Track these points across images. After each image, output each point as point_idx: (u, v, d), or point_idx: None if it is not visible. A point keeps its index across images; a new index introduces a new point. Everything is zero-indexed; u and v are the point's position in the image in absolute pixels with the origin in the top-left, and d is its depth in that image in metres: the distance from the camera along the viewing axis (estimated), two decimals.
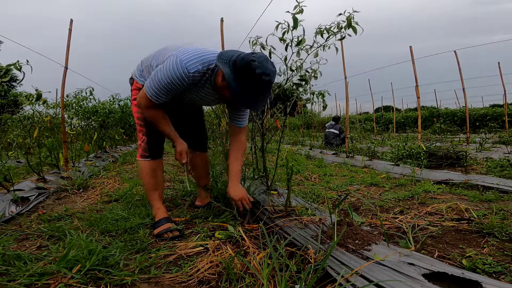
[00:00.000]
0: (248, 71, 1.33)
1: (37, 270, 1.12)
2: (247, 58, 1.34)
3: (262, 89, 1.38)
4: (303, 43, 1.82)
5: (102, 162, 4.60)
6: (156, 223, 1.64)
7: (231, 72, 1.36)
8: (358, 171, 3.46)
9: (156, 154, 1.79)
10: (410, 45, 5.28)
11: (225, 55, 1.42)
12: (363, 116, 17.33)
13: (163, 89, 1.48)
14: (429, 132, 9.27)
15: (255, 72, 1.32)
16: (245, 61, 1.34)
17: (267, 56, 1.40)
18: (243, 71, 1.34)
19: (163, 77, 1.45)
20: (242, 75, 1.35)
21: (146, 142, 1.76)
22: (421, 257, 1.03)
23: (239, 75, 1.35)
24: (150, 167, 1.77)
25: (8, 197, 2.14)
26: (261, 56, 1.36)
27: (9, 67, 2.30)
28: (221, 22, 3.64)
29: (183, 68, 1.43)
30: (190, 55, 1.46)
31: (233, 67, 1.37)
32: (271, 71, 1.36)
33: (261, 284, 1.01)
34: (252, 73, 1.32)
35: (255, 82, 1.34)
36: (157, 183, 1.79)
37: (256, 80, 1.33)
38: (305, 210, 1.65)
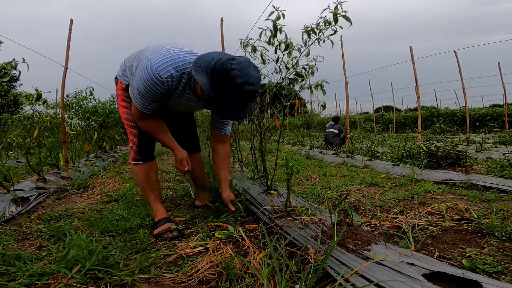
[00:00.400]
0: (228, 81, 1.19)
1: (37, 270, 1.12)
2: (226, 66, 1.20)
3: (245, 99, 1.25)
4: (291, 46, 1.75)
5: (102, 162, 4.60)
6: (156, 224, 1.63)
7: (209, 82, 1.23)
8: (358, 171, 3.46)
9: (148, 156, 1.75)
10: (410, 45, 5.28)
11: (202, 61, 1.28)
12: (363, 116, 17.33)
13: (144, 97, 1.40)
14: (429, 132, 9.28)
15: (236, 82, 1.18)
16: (224, 70, 1.20)
17: (249, 60, 1.26)
18: (222, 80, 1.21)
19: (140, 84, 1.38)
20: (222, 85, 1.22)
21: (138, 144, 1.71)
22: (421, 257, 1.03)
23: (218, 85, 1.22)
24: (144, 170, 1.74)
25: (8, 197, 2.14)
26: (242, 62, 1.22)
27: (5, 65, 2.29)
28: (221, 22, 3.64)
29: (154, 73, 1.32)
30: (163, 58, 1.35)
31: (211, 76, 1.23)
32: (254, 78, 1.22)
33: (261, 284, 1.01)
34: (232, 83, 1.19)
35: (236, 92, 1.21)
36: (152, 184, 1.77)
37: (238, 90, 1.20)
38: (305, 210, 1.65)
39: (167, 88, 1.38)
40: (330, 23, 1.63)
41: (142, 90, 1.38)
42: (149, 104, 1.45)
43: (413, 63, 4.64)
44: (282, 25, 1.71)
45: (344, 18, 1.59)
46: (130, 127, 1.72)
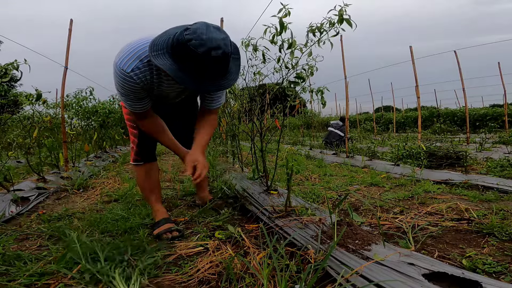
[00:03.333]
0: (190, 54, 1.04)
1: (37, 270, 1.12)
2: (182, 39, 1.05)
3: (221, 64, 1.10)
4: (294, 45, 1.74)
5: (102, 162, 4.60)
6: (156, 224, 1.63)
7: (173, 62, 1.09)
8: (358, 171, 3.46)
9: (149, 157, 1.75)
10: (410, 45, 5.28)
11: (158, 43, 1.13)
12: (363, 116, 17.32)
13: (128, 96, 1.36)
14: (429, 132, 9.27)
15: (199, 52, 1.03)
16: (181, 44, 1.05)
17: (205, 23, 1.09)
18: (184, 56, 1.06)
19: (117, 87, 1.35)
20: (187, 61, 1.07)
21: (138, 145, 1.71)
22: (421, 257, 1.03)
23: (183, 62, 1.08)
24: (144, 171, 1.74)
25: (8, 197, 2.14)
26: (198, 28, 1.05)
27: (7, 66, 2.30)
28: (221, 22, 3.64)
29: (120, 71, 1.27)
30: (124, 54, 1.28)
31: (172, 56, 1.09)
32: (219, 40, 1.06)
33: (261, 284, 1.01)
34: (196, 54, 1.04)
35: (205, 62, 1.06)
36: (153, 185, 1.76)
37: (206, 60, 1.05)
38: (305, 210, 1.65)
39: (140, 80, 1.30)
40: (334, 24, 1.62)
41: (122, 91, 1.34)
42: (136, 102, 1.38)
43: (413, 63, 4.64)
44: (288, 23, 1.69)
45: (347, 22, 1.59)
46: (131, 127, 1.72)
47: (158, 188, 1.80)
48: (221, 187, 2.25)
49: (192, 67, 1.08)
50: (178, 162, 4.93)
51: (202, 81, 1.12)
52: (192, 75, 1.10)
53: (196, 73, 1.09)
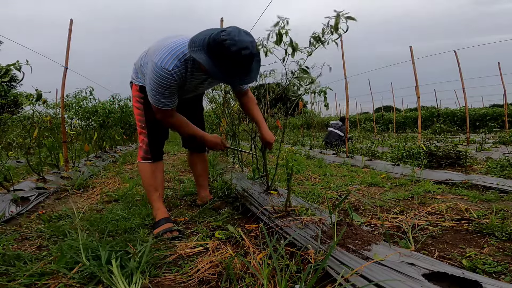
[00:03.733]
0: (224, 51, 1.25)
1: (37, 270, 1.12)
2: (218, 38, 1.26)
3: (247, 62, 1.31)
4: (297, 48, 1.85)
5: (102, 162, 4.60)
6: (156, 223, 1.64)
7: (208, 58, 1.30)
8: (358, 171, 3.46)
9: (158, 156, 1.81)
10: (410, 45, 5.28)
11: (196, 41, 1.34)
12: (363, 116, 17.31)
13: (164, 95, 1.49)
14: (429, 132, 9.27)
15: (232, 50, 1.24)
16: (217, 42, 1.26)
17: (237, 28, 1.31)
18: (219, 53, 1.27)
19: (154, 86, 1.46)
20: (220, 57, 1.28)
21: (148, 144, 1.77)
22: (421, 257, 1.03)
23: (217, 58, 1.28)
24: (151, 169, 1.78)
25: (8, 197, 2.14)
26: (232, 31, 1.26)
27: (9, 67, 2.30)
28: (221, 22, 3.65)
29: (162, 70, 1.42)
30: (163, 54, 1.43)
31: (208, 52, 1.29)
32: (248, 42, 1.27)
33: (261, 284, 1.01)
34: (228, 52, 1.25)
35: (235, 59, 1.27)
36: (157, 183, 1.80)
37: (236, 57, 1.26)
38: (305, 210, 1.65)
39: (178, 78, 1.46)
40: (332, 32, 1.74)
41: (160, 90, 1.46)
42: (170, 99, 1.52)
43: (413, 63, 4.64)
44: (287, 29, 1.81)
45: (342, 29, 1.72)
46: (141, 127, 1.79)
47: (162, 188, 1.84)
48: (221, 187, 2.25)
49: (223, 62, 1.28)
50: (178, 162, 4.93)
51: (229, 75, 1.33)
52: (223, 70, 1.30)
53: (226, 68, 1.30)
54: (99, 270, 1.06)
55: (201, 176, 2.11)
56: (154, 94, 1.50)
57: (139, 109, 1.77)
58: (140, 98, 1.76)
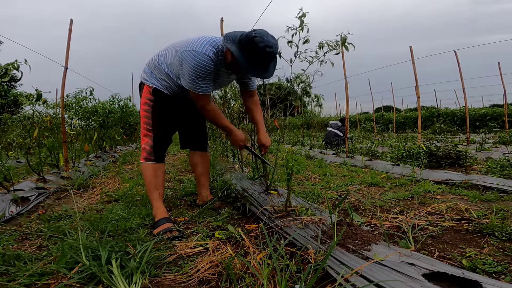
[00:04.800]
0: (252, 46, 1.49)
1: (37, 270, 1.12)
2: (250, 35, 1.50)
3: (269, 59, 1.54)
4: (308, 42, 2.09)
5: (102, 162, 4.60)
6: (156, 223, 1.65)
7: (238, 49, 1.53)
8: (358, 171, 3.46)
9: (161, 157, 1.89)
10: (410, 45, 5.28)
11: (230, 35, 1.58)
12: (363, 116, 17.31)
13: (202, 79, 1.63)
14: (429, 132, 9.26)
15: (259, 46, 1.47)
16: (248, 38, 1.49)
17: (266, 31, 1.54)
18: (248, 46, 1.50)
19: (194, 72, 1.60)
20: (248, 50, 1.51)
21: (152, 147, 1.83)
22: (421, 257, 1.03)
23: (245, 51, 1.51)
24: (154, 168, 1.84)
25: (8, 197, 2.14)
26: (262, 32, 1.51)
27: (7, 66, 2.30)
28: (221, 22, 3.65)
29: (203, 55, 1.59)
30: (200, 43, 1.62)
31: (239, 45, 1.53)
32: (273, 43, 1.51)
33: (261, 284, 1.01)
34: (256, 47, 1.48)
35: (260, 54, 1.50)
36: (158, 183, 1.84)
37: (261, 53, 1.49)
38: (305, 210, 1.65)
39: (215, 63, 1.64)
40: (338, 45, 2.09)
41: (201, 75, 1.61)
42: (209, 83, 1.67)
43: (413, 63, 4.64)
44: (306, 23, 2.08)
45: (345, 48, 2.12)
46: (146, 130, 1.84)
47: (162, 188, 1.89)
48: (221, 187, 2.25)
49: (251, 55, 1.51)
50: (178, 162, 4.93)
51: (252, 67, 1.55)
52: (249, 62, 1.53)
53: (252, 60, 1.52)
54: (99, 270, 1.06)
55: (202, 175, 2.12)
56: (194, 80, 1.62)
57: (147, 111, 1.83)
58: (150, 101, 1.81)
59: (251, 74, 1.66)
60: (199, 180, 2.14)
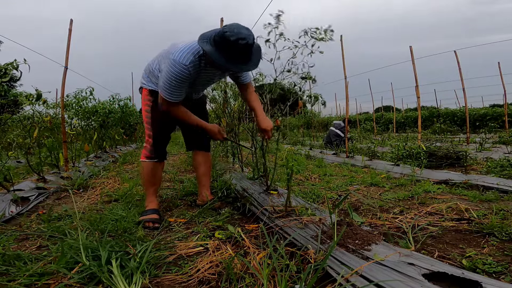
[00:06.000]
0: (225, 42, 1.48)
1: (37, 270, 1.12)
2: (221, 31, 1.51)
3: (245, 51, 1.51)
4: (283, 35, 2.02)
5: (102, 162, 4.60)
6: (144, 212, 1.81)
7: (213, 47, 1.53)
8: (358, 171, 3.46)
9: (161, 156, 1.95)
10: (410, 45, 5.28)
11: (206, 35, 1.58)
12: (363, 116, 17.31)
13: (176, 87, 1.66)
14: (429, 132, 9.26)
15: (231, 40, 1.47)
16: (220, 35, 1.50)
17: (238, 24, 1.54)
18: (221, 43, 1.50)
19: (168, 79, 1.64)
20: (222, 46, 1.50)
21: (152, 145, 1.91)
22: (421, 257, 1.03)
23: (220, 47, 1.51)
24: (153, 166, 1.93)
25: (8, 197, 2.14)
26: (233, 25, 1.51)
27: (7, 66, 2.30)
28: (221, 22, 3.65)
29: (179, 64, 1.62)
30: (181, 51, 1.64)
31: (213, 43, 1.53)
32: (246, 34, 1.49)
33: (261, 284, 1.01)
34: (229, 42, 1.47)
35: (235, 48, 1.49)
36: (155, 180, 1.96)
37: (235, 46, 1.48)
38: (305, 210, 1.65)
39: (192, 71, 1.67)
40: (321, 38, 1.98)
41: (173, 83, 1.65)
42: (180, 92, 1.70)
43: (413, 63, 4.64)
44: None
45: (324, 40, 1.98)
46: (148, 129, 1.93)
47: (159, 184, 2.03)
48: (221, 187, 2.25)
49: (225, 50, 1.50)
50: (178, 162, 4.93)
51: (230, 62, 1.53)
52: (225, 57, 1.52)
53: (228, 55, 1.51)
54: (99, 270, 1.06)
55: (204, 175, 2.15)
56: (168, 88, 1.67)
57: (148, 111, 1.91)
58: (150, 101, 1.90)
59: (233, 68, 1.63)
60: (201, 180, 2.15)
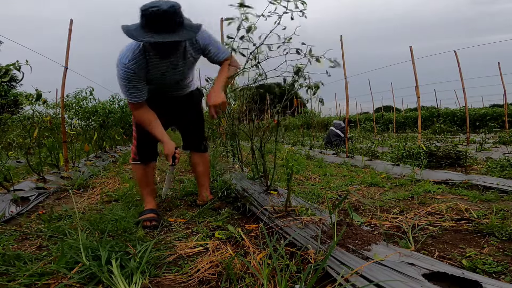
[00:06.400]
0: (141, 17, 1.42)
1: (37, 270, 1.12)
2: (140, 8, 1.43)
3: (160, 18, 1.40)
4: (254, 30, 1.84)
5: (102, 162, 4.60)
6: (142, 212, 1.80)
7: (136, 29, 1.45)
8: (358, 171, 3.46)
9: (145, 158, 1.93)
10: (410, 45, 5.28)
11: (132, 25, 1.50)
12: (363, 116, 17.30)
13: (125, 87, 1.65)
14: (429, 132, 9.26)
15: (143, 12, 1.41)
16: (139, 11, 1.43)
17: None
18: (141, 21, 1.44)
19: (119, 81, 1.66)
20: (141, 24, 1.44)
21: (136, 146, 1.92)
22: (421, 257, 1.03)
23: (140, 26, 1.45)
24: (140, 169, 1.94)
25: (8, 197, 2.15)
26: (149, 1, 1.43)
27: (9, 67, 2.30)
28: (221, 22, 3.65)
29: (121, 65, 1.60)
30: (121, 53, 1.63)
31: (138, 25, 1.47)
32: (161, 2, 1.41)
33: (261, 284, 1.01)
34: (143, 15, 1.41)
35: (149, 18, 1.40)
36: (148, 181, 1.95)
37: (149, 16, 1.40)
38: (305, 210, 1.65)
39: (136, 69, 1.61)
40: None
41: (123, 83, 1.64)
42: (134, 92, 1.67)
43: (413, 63, 4.64)
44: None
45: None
46: (134, 131, 1.94)
47: (152, 184, 1.99)
48: (221, 187, 2.25)
49: (145, 27, 1.42)
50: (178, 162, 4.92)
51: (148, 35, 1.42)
52: (144, 33, 1.43)
53: (148, 30, 1.42)
54: (99, 270, 1.06)
55: (202, 176, 2.14)
56: (123, 90, 1.68)
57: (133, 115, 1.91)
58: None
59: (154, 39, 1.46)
60: (199, 180, 2.15)
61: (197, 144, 2.11)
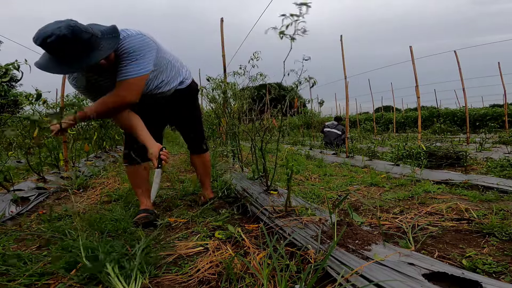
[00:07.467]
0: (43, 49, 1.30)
1: (37, 270, 1.12)
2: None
3: (63, 47, 1.26)
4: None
5: (102, 162, 4.60)
6: (137, 213, 1.83)
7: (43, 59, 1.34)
8: (358, 171, 3.46)
9: (132, 160, 1.86)
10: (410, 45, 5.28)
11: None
12: (363, 116, 17.31)
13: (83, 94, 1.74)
14: (429, 132, 9.26)
15: (38, 45, 1.26)
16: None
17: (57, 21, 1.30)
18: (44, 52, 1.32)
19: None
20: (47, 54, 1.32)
21: (124, 147, 1.94)
22: (421, 257, 1.03)
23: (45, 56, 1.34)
24: (131, 171, 1.94)
25: (8, 197, 2.14)
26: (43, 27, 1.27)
27: (8, 66, 2.30)
28: (221, 22, 3.65)
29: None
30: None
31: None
32: (52, 29, 1.24)
33: (261, 284, 1.01)
34: (40, 47, 1.27)
35: (48, 50, 1.28)
36: (139, 182, 1.94)
37: (47, 48, 1.28)
38: (305, 210, 1.65)
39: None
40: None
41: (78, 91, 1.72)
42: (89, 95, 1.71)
43: (413, 63, 4.64)
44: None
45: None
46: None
47: (145, 185, 1.95)
48: (221, 187, 2.25)
49: (49, 56, 1.31)
50: (178, 162, 4.93)
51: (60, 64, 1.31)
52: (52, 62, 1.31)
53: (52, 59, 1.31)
54: (98, 270, 1.06)
55: (202, 175, 2.17)
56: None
57: None
58: None
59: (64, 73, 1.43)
60: (200, 180, 2.18)
61: (196, 145, 2.12)
